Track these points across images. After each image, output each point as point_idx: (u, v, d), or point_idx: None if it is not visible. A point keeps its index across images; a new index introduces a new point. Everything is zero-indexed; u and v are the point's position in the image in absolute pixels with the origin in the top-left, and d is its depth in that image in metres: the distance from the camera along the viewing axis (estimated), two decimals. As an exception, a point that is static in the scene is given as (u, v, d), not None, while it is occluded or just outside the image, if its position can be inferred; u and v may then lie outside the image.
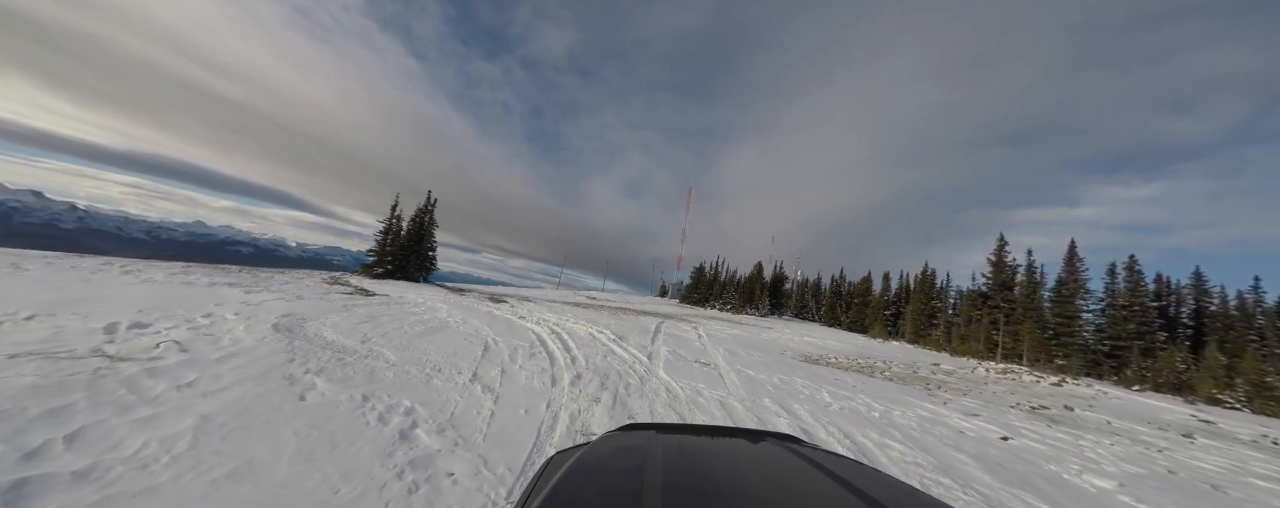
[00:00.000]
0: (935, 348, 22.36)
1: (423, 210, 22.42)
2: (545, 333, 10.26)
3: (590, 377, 6.96)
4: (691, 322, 20.52)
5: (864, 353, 16.47)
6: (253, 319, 7.35)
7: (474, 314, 11.76)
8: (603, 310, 19.24)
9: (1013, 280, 30.79)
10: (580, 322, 12.94)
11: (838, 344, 18.68)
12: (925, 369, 13.54)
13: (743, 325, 23.75)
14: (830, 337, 23.03)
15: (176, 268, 12.88)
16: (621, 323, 14.44)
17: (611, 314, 17.77)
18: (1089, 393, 11.68)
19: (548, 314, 14.19)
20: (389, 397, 4.71)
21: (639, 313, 21.03)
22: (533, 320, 12.19)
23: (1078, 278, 29.00)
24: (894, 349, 20.18)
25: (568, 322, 12.79)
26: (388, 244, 20.41)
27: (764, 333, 19.45)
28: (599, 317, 15.51)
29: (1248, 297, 30.10)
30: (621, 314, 18.47)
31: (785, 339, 17.70)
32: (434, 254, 22.50)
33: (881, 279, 42.44)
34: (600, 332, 11.48)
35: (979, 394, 9.69)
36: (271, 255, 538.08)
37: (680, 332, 14.60)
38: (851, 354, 15.25)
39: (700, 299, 46.21)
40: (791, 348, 14.32)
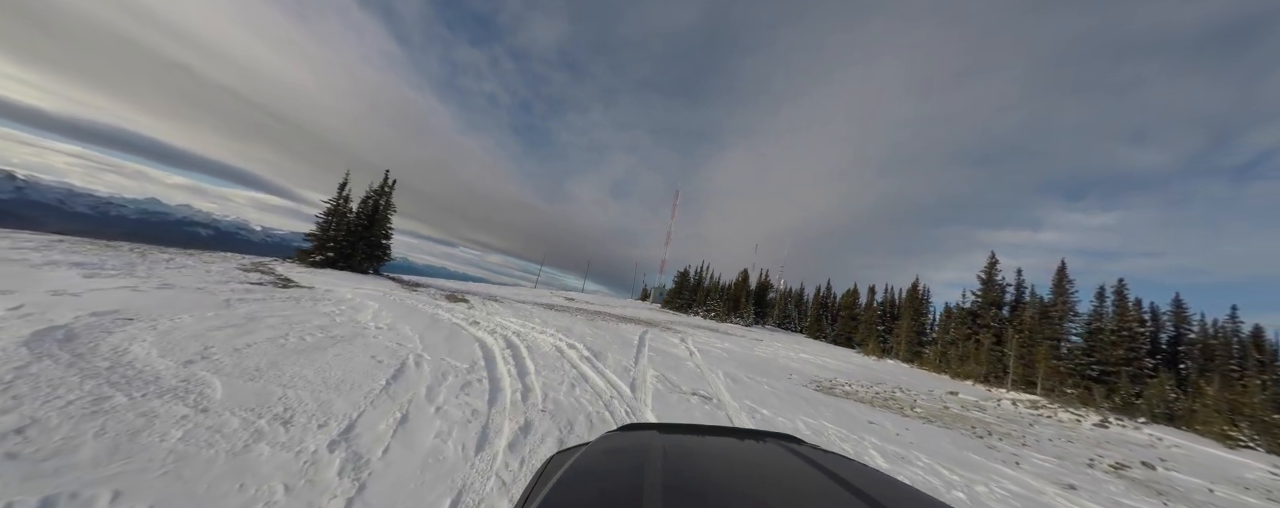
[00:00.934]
0: (933, 369, 20.84)
1: (377, 192, 19.46)
2: (498, 347, 7.80)
3: (545, 428, 4.58)
4: (677, 331, 18.34)
5: (870, 376, 14.61)
6: (28, 318, 4.69)
7: (411, 317, 9.17)
8: (578, 315, 16.82)
9: (1001, 299, 30.03)
10: (548, 330, 10.54)
11: (837, 363, 16.84)
12: (949, 401, 11.66)
13: (732, 337, 21.71)
14: (825, 353, 21.22)
15: (35, 239, 9.87)
16: (598, 333, 12.08)
17: (588, 321, 15.39)
18: (1143, 438, 9.93)
19: (510, 319, 11.70)
20: None
21: (619, 319, 18.72)
22: (487, 327, 9.70)
23: (1067, 300, 28.41)
24: (895, 371, 18.47)
25: (532, 330, 10.35)
26: (331, 229, 17.38)
27: (757, 347, 17.43)
28: (573, 324, 13.11)
29: (1225, 325, 30.35)
30: (599, 321, 16.11)
31: (783, 356, 15.71)
32: (388, 243, 19.54)
33: (867, 292, 41.56)
34: (571, 346, 9.09)
35: (1036, 443, 7.77)
36: (233, 239, 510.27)
37: (668, 345, 12.38)
38: (858, 377, 13.35)
39: (683, 305, 44.18)
40: (795, 369, 12.29)
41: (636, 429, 1.59)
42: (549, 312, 16.07)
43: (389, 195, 19.96)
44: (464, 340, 7.80)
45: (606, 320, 16.89)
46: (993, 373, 18.65)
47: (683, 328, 21.06)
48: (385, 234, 19.43)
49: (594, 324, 14.31)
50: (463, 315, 10.94)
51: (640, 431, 1.57)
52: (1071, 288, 28.45)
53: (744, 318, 38.37)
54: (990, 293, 30.19)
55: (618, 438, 1.45)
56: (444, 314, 10.43)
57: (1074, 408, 12.36)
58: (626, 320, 19.06)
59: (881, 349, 25.42)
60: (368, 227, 18.60)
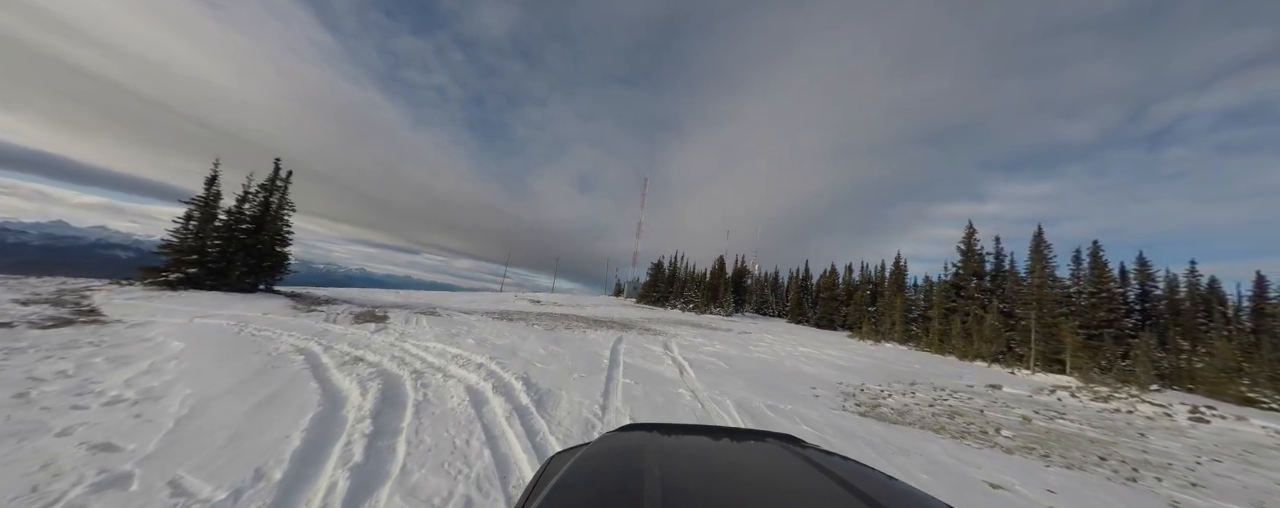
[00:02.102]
0: (934, 350, 19.03)
1: (266, 187, 15.11)
2: (365, 404, 4.45)
3: None
4: (657, 332, 15.39)
5: (888, 370, 12.17)
6: None
7: (231, 364, 5.59)
8: (536, 325, 13.47)
9: (982, 269, 29.17)
10: (480, 357, 7.20)
11: (843, 356, 14.43)
12: (1006, 401, 9.27)
13: (718, 331, 19.02)
14: (822, 342, 18.87)
15: None
16: (556, 353, 8.86)
17: (546, 332, 12.11)
18: (1261, 437, 7.74)
19: (431, 342, 8.26)
20: None
21: (588, 324, 15.52)
22: (379, 363, 6.26)
23: (1047, 266, 27.82)
24: (903, 357, 16.30)
25: (454, 361, 6.99)
26: (192, 238, 13.05)
27: (752, 346, 14.74)
28: (523, 341, 9.82)
29: (1183, 279, 30.79)
30: (561, 329, 12.85)
31: (785, 355, 13.08)
32: (285, 251, 15.27)
33: (845, 271, 40.35)
34: (502, 385, 5.84)
35: (1208, 480, 5.31)
36: (159, 260, 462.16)
37: (648, 357, 9.34)
38: (880, 375, 10.83)
39: (659, 298, 41.42)
40: (810, 375, 9.59)
41: (637, 429, 1.58)
42: (499, 323, 12.62)
43: (284, 191, 15.63)
44: (296, 401, 4.39)
45: (572, 327, 13.64)
46: (1002, 351, 16.97)
47: (662, 327, 18.14)
48: (280, 240, 15.14)
49: (554, 336, 11.05)
50: (350, 344, 7.39)
51: (640, 431, 1.56)
52: (1050, 253, 27.98)
53: (724, 308, 36.10)
54: (970, 263, 29.25)
55: (618, 438, 1.45)
56: (315, 347, 6.86)
57: (1130, 390, 10.52)
58: (597, 324, 15.89)
59: (876, 332, 23.52)
60: (253, 232, 14.29)
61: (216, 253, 13.13)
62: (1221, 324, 27.10)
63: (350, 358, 6.46)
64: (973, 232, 29.38)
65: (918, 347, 20.10)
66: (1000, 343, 17.24)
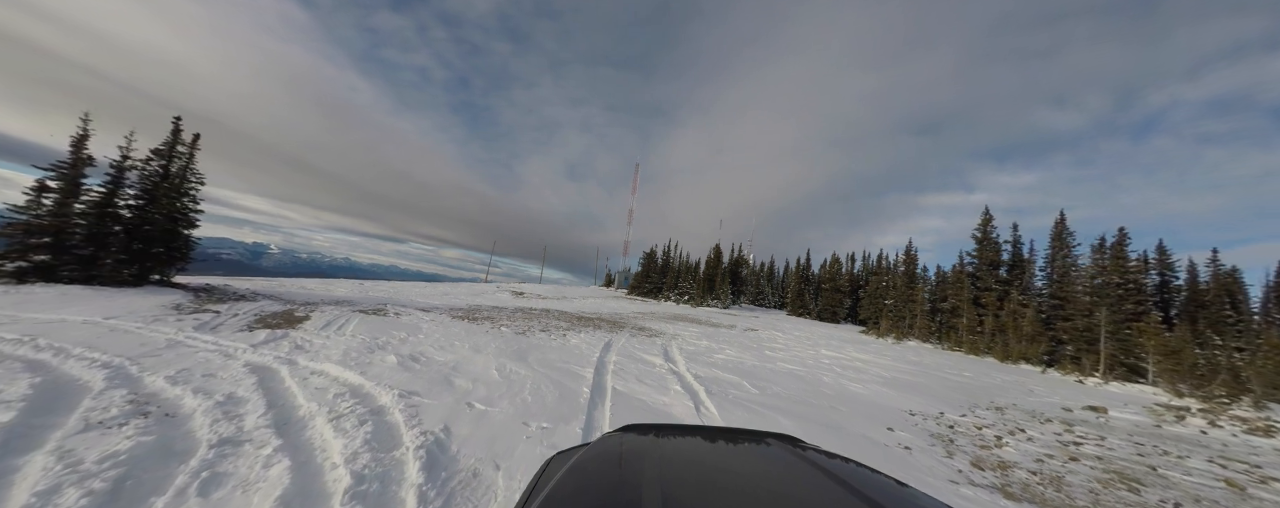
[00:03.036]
0: (969, 350, 16.74)
1: (161, 154, 11.98)
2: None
3: None
4: (653, 331, 12.81)
5: (944, 382, 9.78)
6: None
7: None
8: (509, 323, 10.77)
9: (999, 258, 27.20)
10: (387, 391, 4.50)
11: (873, 359, 12.02)
12: (1157, 440, 7.01)
13: (721, 329, 16.57)
14: (842, 342, 16.44)
15: None
16: (517, 372, 6.21)
17: (519, 334, 9.45)
18: None
19: (328, 364, 5.57)
20: None
21: (572, 322, 12.87)
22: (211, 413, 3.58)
23: (1069, 255, 25.93)
24: (945, 362, 13.91)
25: (337, 399, 4.30)
26: (50, 214, 9.98)
27: (768, 349, 12.25)
28: (478, 351, 7.16)
29: (1203, 268, 29.13)
30: (536, 332, 10.19)
31: (809, 360, 10.58)
32: (189, 234, 12.24)
33: (846, 261, 38.26)
34: (368, 481, 3.23)
35: None
36: None
37: (644, 371, 6.68)
38: (937, 390, 8.40)
39: (652, 290, 38.95)
40: (858, 395, 7.08)
41: (637, 430, 1.56)
42: (458, 326, 9.88)
43: (190, 159, 12.49)
44: None
45: (551, 328, 10.97)
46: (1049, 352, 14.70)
47: (659, 325, 15.59)
48: (184, 220, 12.08)
49: (523, 343, 8.36)
50: (205, 370, 4.64)
51: (640, 431, 1.53)
52: (1073, 241, 26.03)
53: (722, 300, 33.76)
54: (987, 252, 27.23)
55: (618, 439, 1.42)
56: (98, 381, 4.10)
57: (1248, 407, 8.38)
58: (583, 322, 13.24)
59: (898, 329, 21.19)
60: (143, 208, 11.20)
61: (83, 236, 10.04)
62: (1246, 316, 25.75)
63: (131, 407, 3.71)
64: (989, 219, 27.23)
65: (946, 345, 17.86)
66: (1044, 342, 15.08)
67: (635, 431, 1.54)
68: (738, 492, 1.08)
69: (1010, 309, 17.01)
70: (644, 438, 1.42)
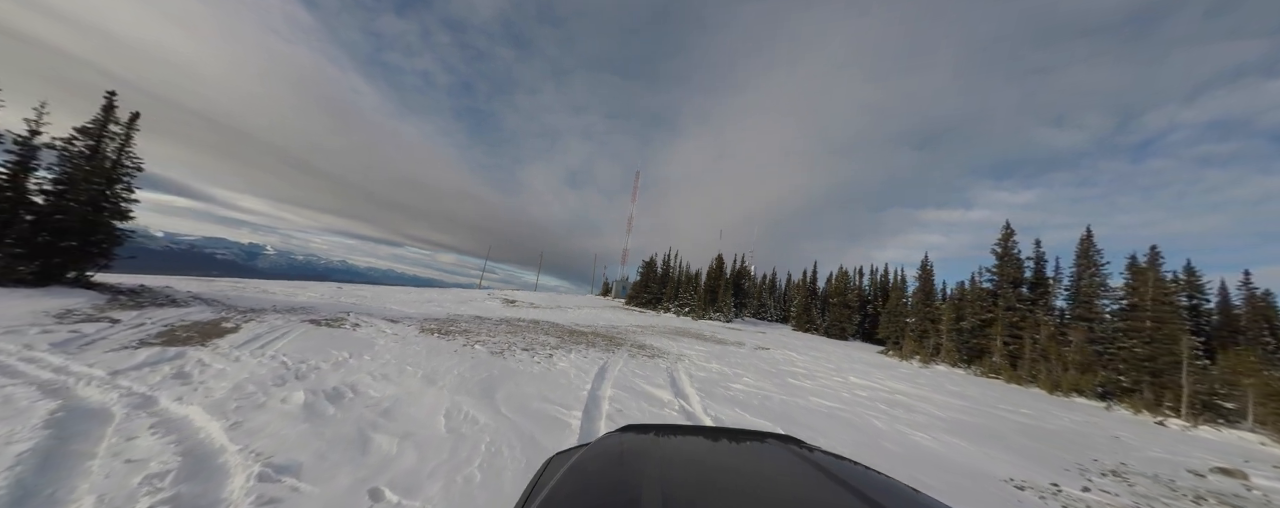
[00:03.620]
0: (1010, 378, 14.76)
1: (89, 133, 10.31)
2: None
3: None
4: (655, 350, 10.94)
5: (1016, 427, 8.08)
6: None
7: None
8: (487, 339, 8.95)
9: (1021, 276, 25.62)
10: (240, 474, 2.86)
11: (916, 391, 10.23)
12: None
13: (729, 347, 14.81)
14: (869, 367, 14.64)
15: None
16: (474, 419, 4.46)
17: (494, 354, 7.68)
18: None
19: (190, 413, 3.85)
20: None
21: (562, 338, 11.09)
22: None
23: (1097, 274, 24.40)
24: (991, 394, 12.14)
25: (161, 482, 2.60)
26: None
27: (790, 375, 10.48)
28: (432, 383, 5.36)
29: (1234, 291, 27.33)
30: (518, 350, 8.40)
31: (843, 393, 8.76)
32: (117, 224, 10.52)
33: (856, 275, 36.63)
34: None
35: None
36: (127, 248, 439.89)
37: (653, 411, 5.07)
38: (1014, 439, 6.67)
39: (651, 300, 37.15)
40: (933, 454, 5.26)
41: (637, 430, 1.54)
42: (424, 342, 8.10)
43: (126, 141, 10.83)
44: None
45: (535, 348, 9.17)
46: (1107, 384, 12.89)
47: (661, 342, 13.81)
48: (112, 209, 10.38)
49: (495, 369, 6.59)
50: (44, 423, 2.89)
51: (641, 431, 1.52)
52: (1101, 260, 24.51)
53: (724, 313, 31.98)
54: (1008, 269, 25.66)
55: (618, 439, 1.41)
56: None
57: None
58: (575, 337, 11.45)
59: (923, 349, 19.31)
60: (60, 194, 9.50)
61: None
62: (1278, 341, 24.11)
63: None
64: (1010, 233, 25.73)
65: (976, 371, 16.04)
66: (1098, 373, 13.34)
67: (635, 430, 1.52)
68: (738, 492, 1.08)
69: (1048, 332, 15.31)
70: (644, 438, 1.42)
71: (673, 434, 1.51)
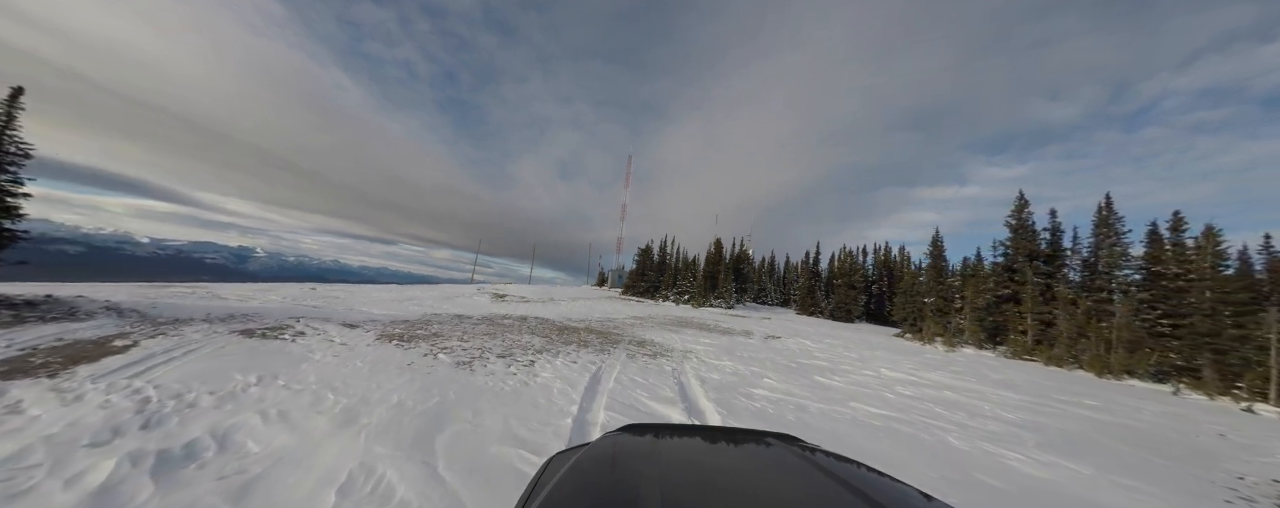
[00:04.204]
0: (1048, 360, 13.37)
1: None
2: None
3: None
4: (657, 347, 9.27)
5: (1093, 424, 6.73)
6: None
7: None
8: (457, 345, 7.30)
9: (1037, 249, 24.33)
10: None
11: (955, 380, 8.85)
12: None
13: (736, 338, 13.36)
14: (895, 354, 13.16)
15: None
16: (388, 483, 2.94)
17: (459, 366, 6.08)
18: None
19: None
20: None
21: (549, 339, 9.50)
22: None
23: (1117, 243, 23.14)
24: (1045, 382, 10.66)
25: None
26: None
27: (815, 370, 9.04)
28: (343, 427, 3.82)
29: (1256, 256, 26.04)
30: (491, 357, 6.80)
31: (880, 389, 7.38)
32: (6, 224, 8.64)
33: (861, 254, 35.27)
34: None
35: None
36: (113, 255, 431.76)
37: None
38: (1114, 450, 5.31)
39: (648, 289, 35.71)
40: (1038, 482, 3.96)
41: (637, 430, 1.54)
42: (377, 351, 6.48)
43: (7, 121, 8.91)
44: None
45: (514, 352, 7.53)
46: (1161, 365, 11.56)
47: (661, 335, 12.32)
48: (-10, 205, 8.52)
49: (455, 391, 4.97)
50: None
51: (641, 431, 1.51)
52: (1122, 227, 23.21)
53: (725, 299, 30.60)
54: (1022, 241, 24.36)
55: (618, 439, 1.40)
56: None
57: None
58: (566, 335, 9.88)
59: (946, 333, 17.86)
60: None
61: None
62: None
63: None
64: (1025, 203, 24.35)
65: (1006, 352, 14.70)
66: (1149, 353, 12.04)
67: (635, 430, 1.52)
68: (738, 492, 1.08)
69: (1085, 307, 13.97)
70: (644, 437, 1.42)
71: (672, 434, 1.53)
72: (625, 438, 1.40)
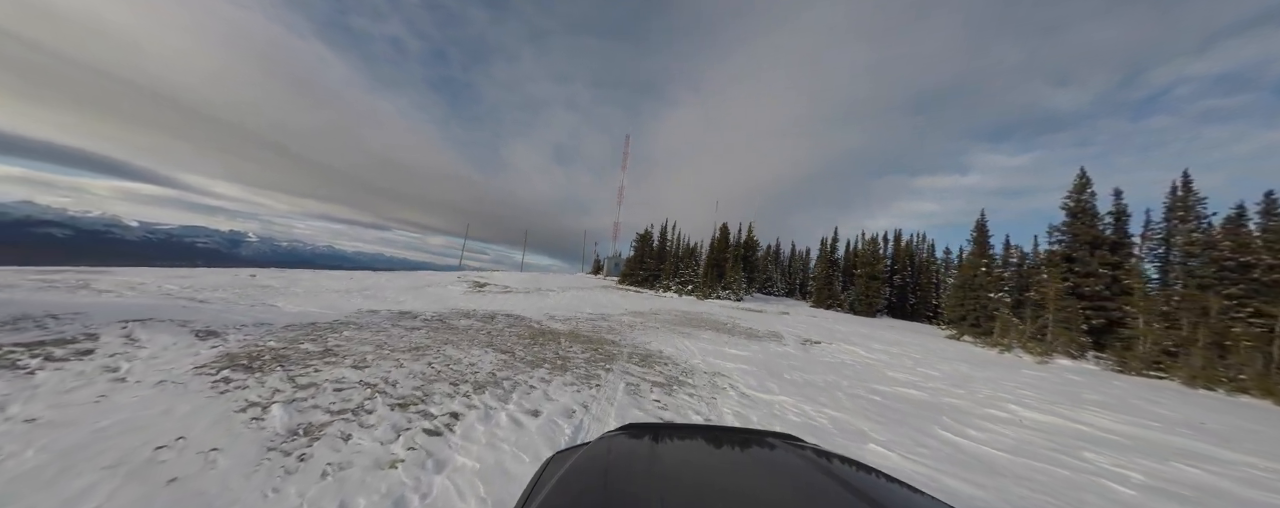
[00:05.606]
0: (1192, 378, 9.90)
1: None
2: None
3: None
4: (665, 360, 6.10)
5: None
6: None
7: None
8: (323, 381, 4.12)
9: (1102, 235, 21.27)
10: None
11: (1117, 424, 5.97)
12: None
13: (764, 343, 10.18)
14: (989, 367, 10.16)
15: None
16: None
17: (275, 458, 2.99)
18: None
19: None
20: None
21: (509, 353, 6.31)
22: None
23: (1196, 230, 20.10)
24: (1230, 422, 7.77)
25: None
26: None
27: (917, 410, 5.94)
28: None
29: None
30: (362, 423, 3.69)
31: (1055, 458, 4.41)
32: None
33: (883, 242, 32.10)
34: None
35: None
36: (102, 239, 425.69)
37: None
38: None
39: (646, 278, 32.58)
40: None
41: (637, 430, 1.53)
42: (171, 397, 3.27)
43: None
44: None
45: (427, 397, 4.29)
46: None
47: (669, 341, 9.15)
48: None
49: None
50: None
51: (641, 431, 1.51)
52: (1203, 210, 20.10)
53: (734, 290, 27.49)
54: (1082, 226, 21.27)
55: (619, 438, 1.40)
56: None
57: None
58: (539, 348, 6.54)
59: (1031, 338, 14.40)
60: None
61: None
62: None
63: None
64: (1086, 182, 21.18)
65: (1117, 365, 11.47)
66: None
67: (635, 430, 1.51)
68: (738, 492, 1.07)
69: (1219, 307, 10.84)
70: (644, 438, 1.41)
71: (673, 434, 1.53)
72: (625, 438, 1.38)
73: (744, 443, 1.43)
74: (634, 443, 1.32)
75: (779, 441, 1.43)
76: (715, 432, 1.74)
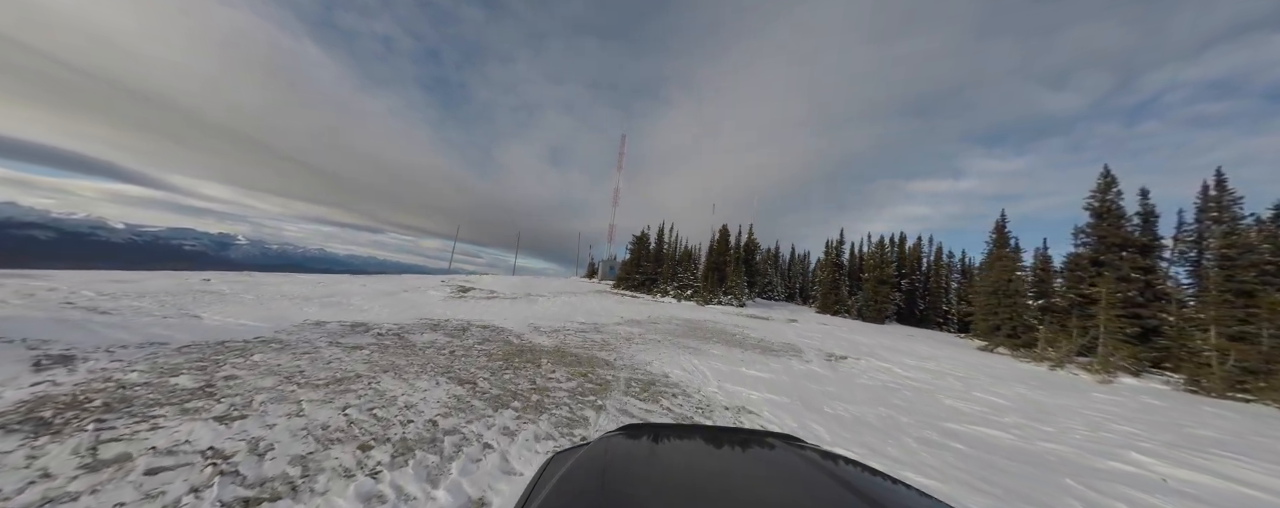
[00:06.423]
0: (1262, 392, 8.64)
1: None
2: None
3: None
4: (674, 392, 4.75)
5: None
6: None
7: None
8: (202, 432, 2.60)
9: (1130, 237, 20.01)
10: None
11: (1247, 471, 4.66)
12: None
13: (783, 359, 8.60)
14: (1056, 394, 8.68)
15: None
16: None
17: None
18: None
19: None
20: None
21: (473, 387, 4.76)
22: None
23: (1234, 230, 18.90)
24: None
25: None
26: None
27: (1020, 469, 4.54)
28: None
29: None
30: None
31: None
32: None
33: (890, 246, 30.77)
34: None
35: None
36: (86, 242, 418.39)
37: None
38: None
39: (643, 282, 31.01)
40: None
41: (637, 430, 1.52)
42: None
43: None
44: None
45: (358, 464, 2.87)
46: None
47: (675, 356, 7.58)
48: None
49: None
50: None
51: (641, 431, 1.51)
52: (1239, 207, 18.90)
53: (736, 296, 25.97)
54: (1108, 228, 20.01)
55: (619, 439, 1.39)
56: None
57: None
58: (505, 377, 4.91)
59: (1068, 349, 12.95)
60: None
61: None
62: None
63: None
64: (1111, 181, 19.95)
65: (1187, 384, 9.93)
66: None
67: (634, 431, 1.51)
68: (737, 493, 1.07)
69: None
70: (644, 438, 1.41)
71: (672, 434, 1.55)
72: (625, 438, 1.38)
73: (744, 444, 1.44)
74: (633, 444, 1.32)
75: (779, 441, 1.43)
76: (715, 432, 1.73)
